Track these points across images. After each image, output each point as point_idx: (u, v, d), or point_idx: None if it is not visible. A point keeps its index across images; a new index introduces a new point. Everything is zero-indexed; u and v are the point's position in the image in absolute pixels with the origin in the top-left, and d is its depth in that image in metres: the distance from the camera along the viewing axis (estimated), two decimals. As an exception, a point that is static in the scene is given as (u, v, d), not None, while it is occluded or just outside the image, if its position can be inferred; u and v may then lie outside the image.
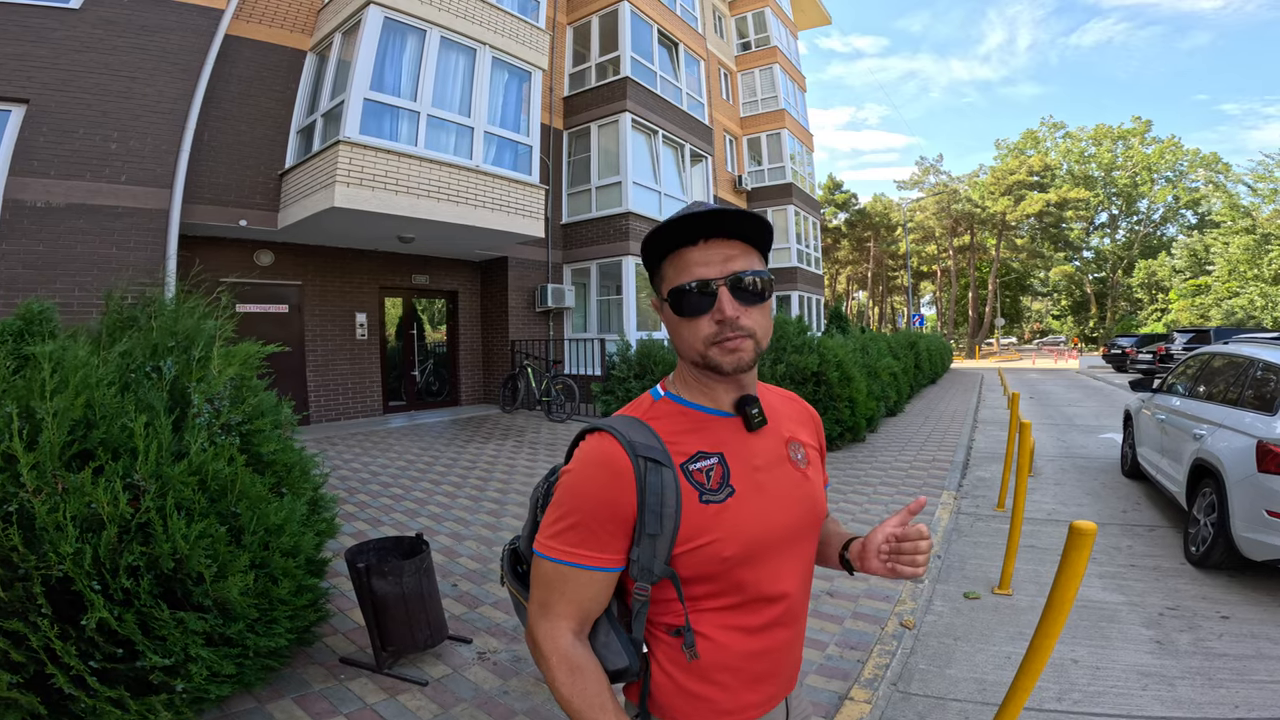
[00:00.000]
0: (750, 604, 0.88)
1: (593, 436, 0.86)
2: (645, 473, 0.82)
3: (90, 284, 6.25)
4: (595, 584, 0.83)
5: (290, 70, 8.46)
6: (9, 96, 6.04)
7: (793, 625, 0.94)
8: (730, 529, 0.84)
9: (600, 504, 0.82)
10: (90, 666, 1.88)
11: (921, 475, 6.30)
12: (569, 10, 12.82)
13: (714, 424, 0.89)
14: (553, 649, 0.82)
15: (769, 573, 0.88)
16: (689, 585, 0.85)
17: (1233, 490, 3.44)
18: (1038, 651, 1.75)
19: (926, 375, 16.26)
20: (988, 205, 42.48)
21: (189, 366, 2.78)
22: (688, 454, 0.86)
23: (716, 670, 0.87)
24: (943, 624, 3.13)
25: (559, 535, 0.83)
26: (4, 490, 1.98)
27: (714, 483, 0.85)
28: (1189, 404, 4.61)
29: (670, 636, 0.87)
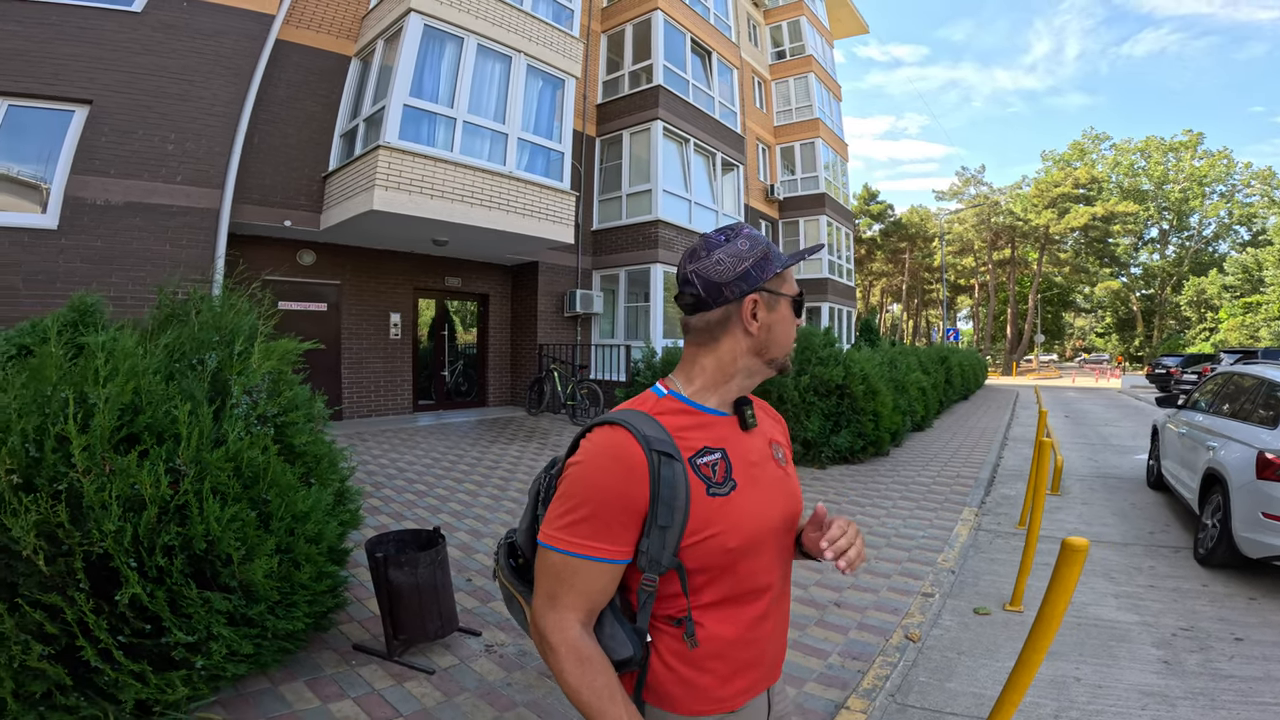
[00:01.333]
0: (744, 595, 0.94)
1: (604, 429, 0.89)
2: (659, 465, 0.85)
3: (144, 279, 6.56)
4: (605, 576, 0.86)
5: (336, 75, 8.79)
6: (73, 97, 6.38)
7: (777, 615, 1.01)
8: (734, 521, 0.90)
9: (614, 496, 0.84)
10: (118, 641, 2.01)
11: (944, 491, 6.22)
12: (603, 19, 13.01)
13: (714, 422, 0.96)
14: (561, 640, 0.84)
15: (762, 564, 0.96)
16: (692, 576, 0.89)
17: (1235, 495, 3.81)
18: (1025, 666, 1.76)
19: (958, 391, 15.95)
20: (1030, 218, 41.35)
21: (230, 359, 2.94)
22: (694, 449, 0.91)
23: (710, 659, 0.92)
24: (949, 638, 3.12)
25: (569, 527, 0.85)
26: (56, 470, 2.14)
27: (719, 476, 0.91)
28: (1207, 419, 4.96)
29: (670, 626, 0.91)
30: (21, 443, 2.12)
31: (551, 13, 9.81)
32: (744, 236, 0.97)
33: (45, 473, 2.11)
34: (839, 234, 19.63)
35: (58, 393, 2.25)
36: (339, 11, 8.87)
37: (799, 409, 7.49)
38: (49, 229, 6.11)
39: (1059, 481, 6.47)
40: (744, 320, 0.95)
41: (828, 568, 4.04)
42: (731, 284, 0.94)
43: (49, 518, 2.04)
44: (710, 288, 0.94)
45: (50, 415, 2.20)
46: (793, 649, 2.93)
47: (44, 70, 6.22)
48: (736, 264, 0.94)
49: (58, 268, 6.10)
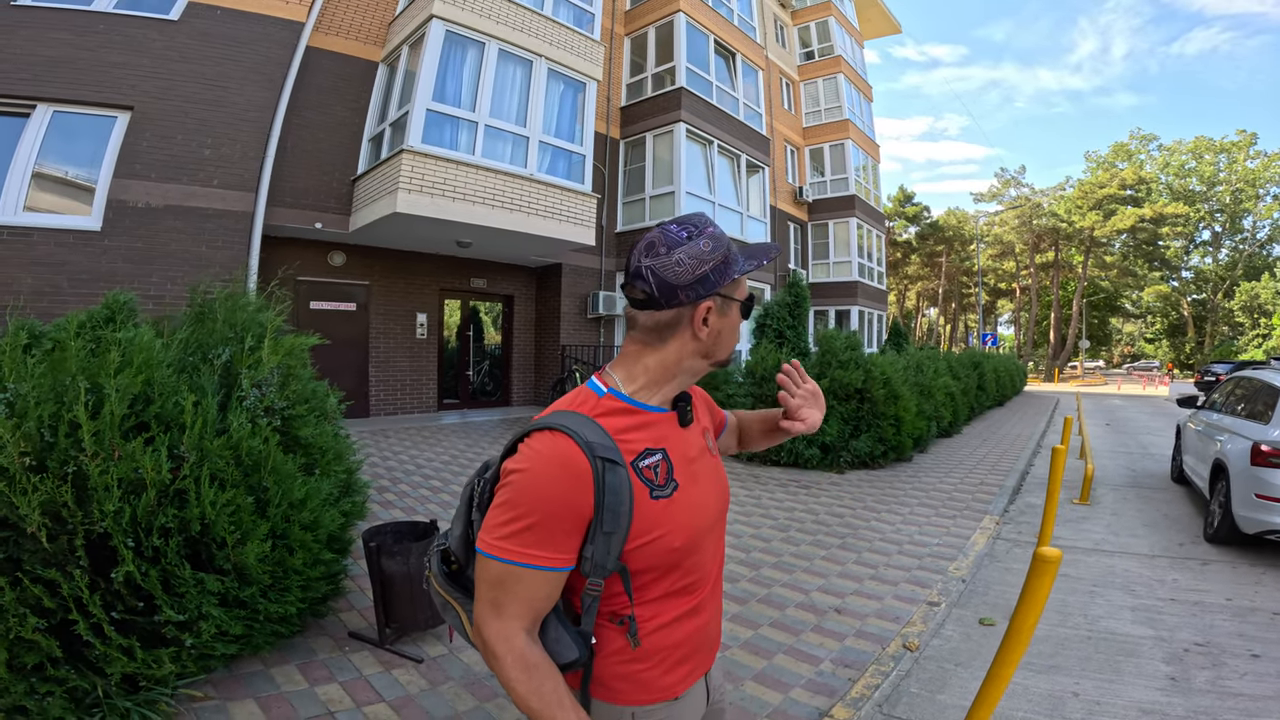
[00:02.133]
0: (687, 589, 0.95)
1: (545, 434, 0.86)
2: (603, 472, 0.83)
3: (182, 279, 6.83)
4: (549, 584, 0.85)
5: (364, 80, 9.04)
6: (116, 104, 6.70)
7: (714, 601, 1.03)
8: (678, 521, 0.90)
9: (559, 505, 0.82)
10: (111, 617, 2.11)
11: (965, 498, 6.06)
12: (626, 21, 13.08)
13: (654, 421, 0.94)
14: (507, 649, 0.83)
15: (704, 557, 0.97)
16: (638, 575, 0.89)
17: (1234, 480, 4.49)
18: (995, 680, 1.71)
19: (992, 397, 15.50)
20: (1074, 220, 39.93)
21: (242, 354, 3.05)
22: (636, 451, 0.89)
23: (653, 651, 0.93)
24: (948, 648, 3.04)
25: (512, 536, 0.82)
26: (66, 454, 2.25)
27: (661, 478, 0.90)
28: (1219, 418, 5.60)
29: (613, 625, 0.92)
30: (37, 427, 2.23)
31: (572, 16, 9.92)
32: (706, 236, 0.92)
33: (57, 456, 2.22)
34: (870, 237, 19.30)
35: (75, 382, 2.37)
36: (366, 18, 9.12)
37: (818, 413, 7.39)
38: (93, 230, 6.43)
39: (1088, 490, 6.23)
40: (695, 325, 0.93)
41: (832, 573, 3.98)
42: (688, 287, 0.90)
43: (55, 497, 2.15)
44: (665, 288, 0.90)
45: (66, 403, 2.32)
46: (785, 654, 2.89)
47: (90, 78, 6.55)
48: (696, 266, 0.90)
49: (101, 267, 6.40)
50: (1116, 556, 4.45)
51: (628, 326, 0.98)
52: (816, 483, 6.63)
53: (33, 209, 6.33)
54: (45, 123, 6.44)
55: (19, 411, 2.24)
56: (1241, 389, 5.68)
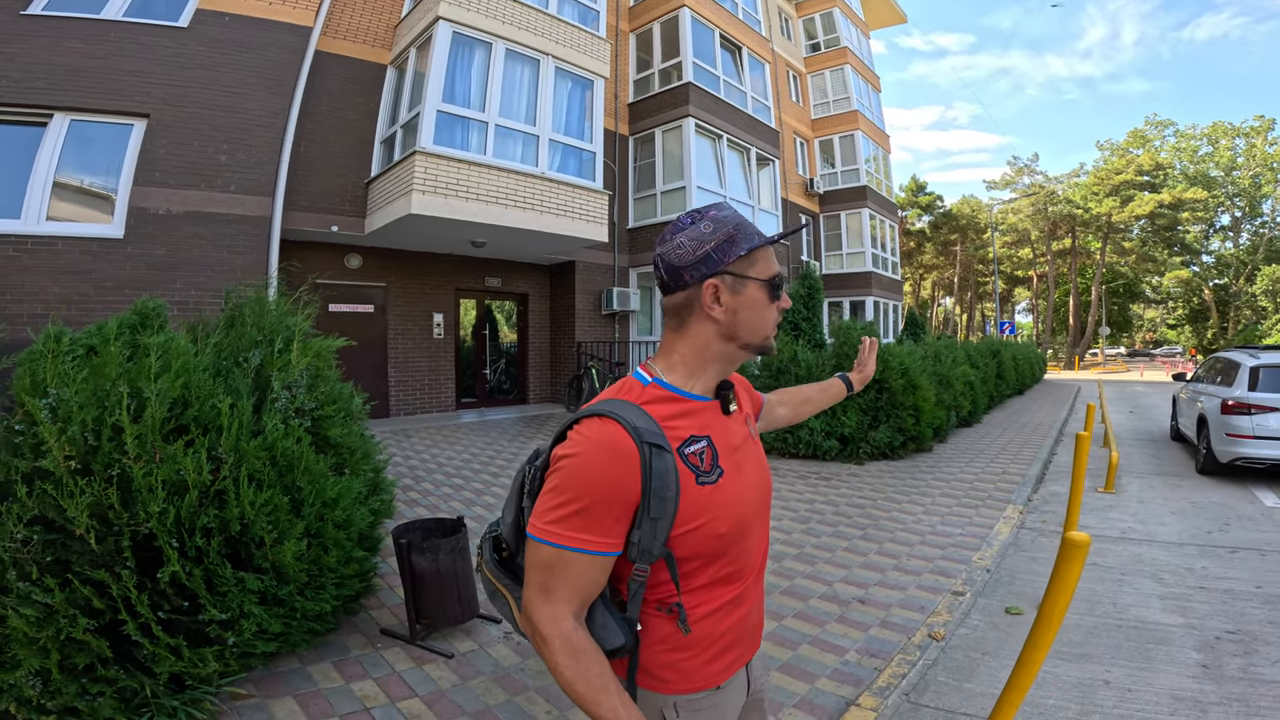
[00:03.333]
0: (729, 576, 0.97)
1: (594, 420, 0.88)
2: (650, 458, 0.85)
3: (204, 284, 6.94)
4: (597, 568, 0.86)
5: (373, 83, 9.11)
6: (132, 111, 6.77)
7: (758, 590, 1.05)
8: (723, 508, 0.91)
9: (608, 489, 0.84)
10: (159, 617, 2.17)
11: (987, 487, 6.02)
12: (631, 18, 13.06)
13: (698, 409, 0.96)
14: (555, 633, 0.84)
15: (749, 544, 0.99)
16: (684, 562, 0.91)
17: (1211, 426, 6.51)
18: (1025, 666, 1.71)
19: (1011, 385, 15.35)
20: (1091, 206, 39.29)
21: (272, 356, 3.11)
22: (682, 438, 0.91)
23: (698, 640, 0.94)
24: (975, 638, 3.04)
25: (562, 520, 0.84)
26: (110, 457, 2.32)
27: (707, 465, 0.92)
28: (1201, 386, 7.61)
29: (661, 613, 0.93)
30: (81, 432, 2.30)
31: (577, 14, 9.92)
32: (709, 219, 0.96)
33: (101, 459, 2.29)
34: (883, 227, 19.16)
35: (116, 387, 2.43)
36: (373, 21, 9.17)
37: (837, 404, 7.37)
38: (116, 238, 6.54)
39: (1113, 479, 6.17)
40: (705, 304, 0.95)
41: (854, 564, 3.99)
42: (691, 268, 0.94)
43: (101, 500, 2.22)
44: (671, 271, 0.95)
45: (108, 408, 2.38)
46: (810, 645, 2.91)
47: (105, 86, 6.62)
48: (696, 248, 0.94)
49: (125, 275, 6.52)
50: (1144, 545, 4.41)
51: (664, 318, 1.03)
52: (836, 474, 6.62)
53: (55, 218, 6.43)
54: (63, 132, 6.52)
55: (62, 416, 2.31)
56: (1215, 365, 7.78)
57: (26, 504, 2.12)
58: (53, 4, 6.56)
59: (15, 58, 6.26)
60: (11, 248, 6.01)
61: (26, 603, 2.06)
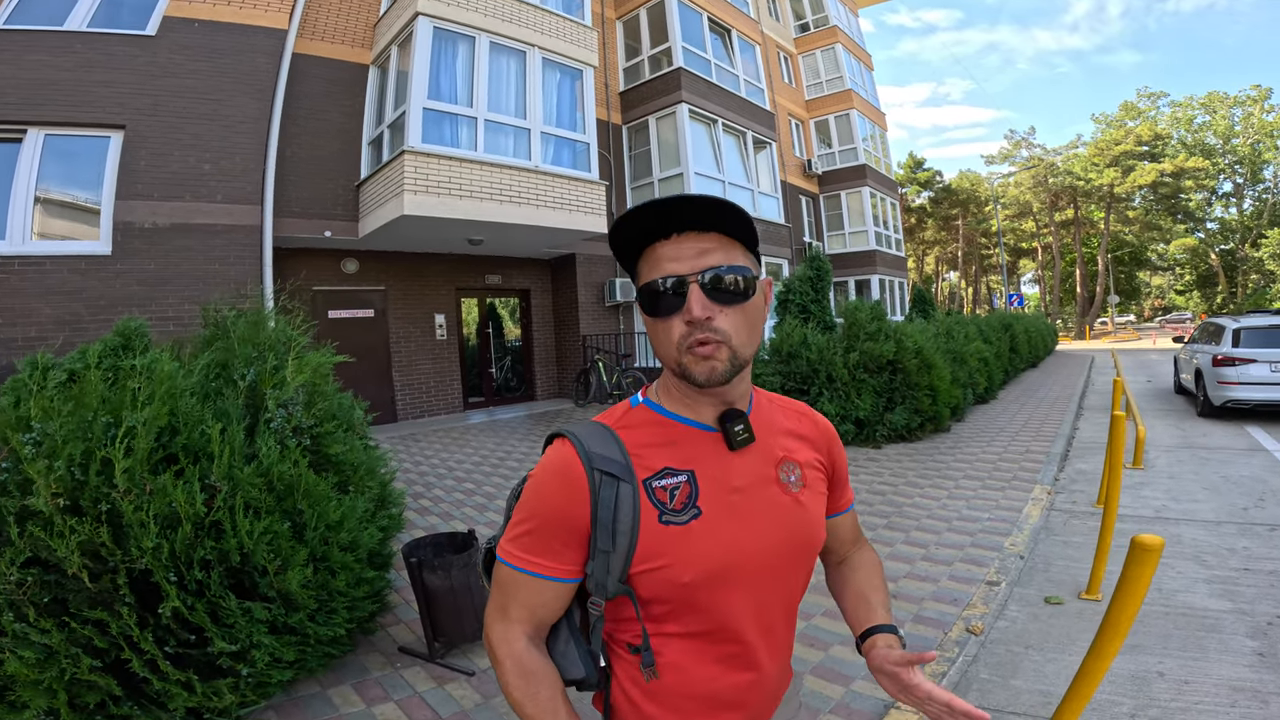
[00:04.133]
0: (715, 632, 0.82)
1: (556, 443, 0.84)
2: (599, 485, 0.78)
3: (198, 298, 6.78)
4: (547, 592, 0.82)
5: (356, 84, 8.92)
6: (107, 123, 6.60)
7: (767, 655, 0.86)
8: (690, 553, 0.78)
9: (553, 513, 0.80)
10: (165, 652, 2.06)
11: (1011, 468, 5.87)
12: (616, 5, 12.83)
13: (691, 438, 0.83)
14: (506, 653, 0.81)
15: (739, 601, 0.81)
16: (648, 605, 0.81)
17: (1206, 376, 8.04)
18: (1088, 674, 1.57)
19: (1025, 359, 15.16)
20: (1091, 177, 38.89)
21: (265, 374, 2.97)
22: (653, 469, 0.81)
23: (675, 695, 0.83)
24: (1015, 630, 2.91)
25: (515, 540, 0.82)
26: (99, 492, 2.19)
27: (677, 503, 0.79)
28: (1197, 346, 9.02)
29: (629, 654, 0.84)
30: (67, 467, 2.17)
31: (561, 4, 9.71)
32: None
33: (89, 495, 2.16)
34: (884, 205, 18.95)
35: (99, 418, 2.30)
36: (349, 21, 8.97)
37: (849, 387, 7.22)
38: (104, 255, 6.41)
39: (1141, 454, 6.00)
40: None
41: (880, 554, 3.84)
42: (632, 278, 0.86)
43: (92, 537, 2.09)
44: None
45: (93, 440, 2.25)
46: (841, 645, 2.78)
47: (76, 98, 6.45)
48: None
49: (116, 292, 6.39)
50: (1181, 524, 4.26)
51: None
52: (853, 459, 6.48)
53: (41, 236, 6.31)
54: (39, 147, 6.37)
55: (46, 452, 2.18)
56: (1207, 329, 9.18)
57: (19, 545, 2.01)
58: (13, 17, 6.39)
59: None
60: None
61: (24, 644, 1.95)
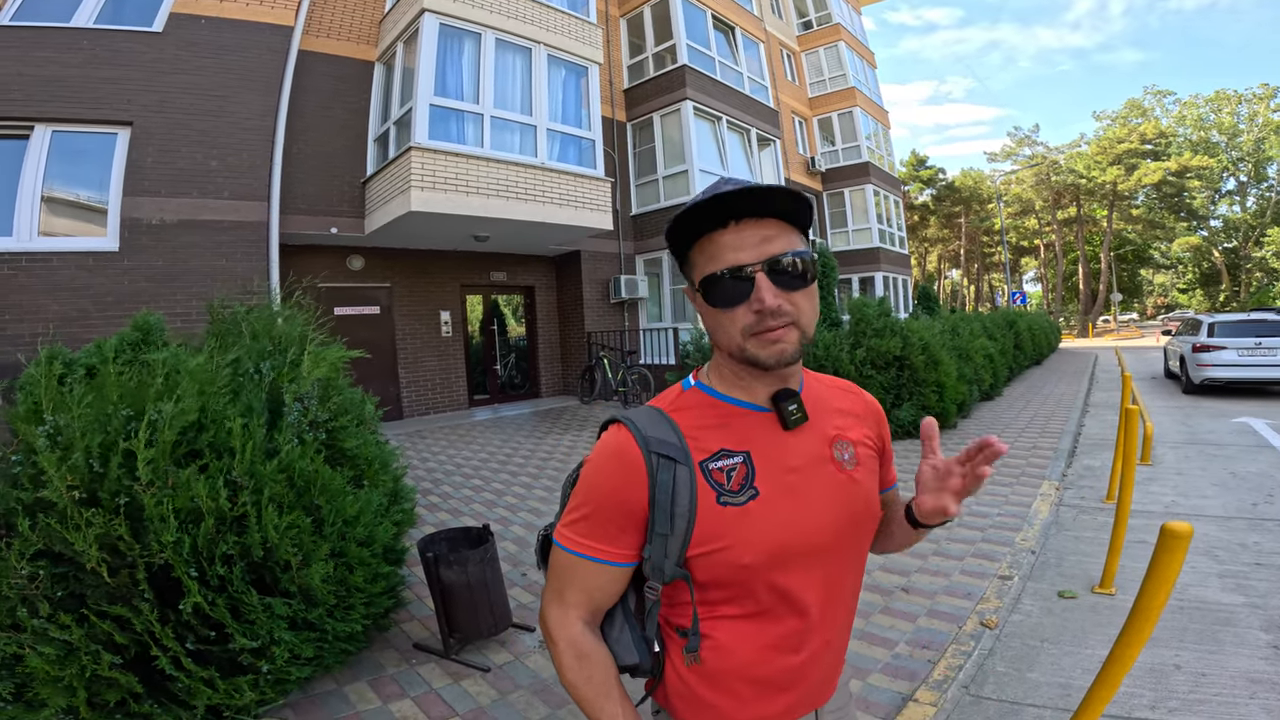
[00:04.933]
0: (772, 613, 0.82)
1: (612, 428, 0.85)
2: (657, 469, 0.78)
3: (205, 294, 6.73)
4: (603, 576, 0.82)
5: (361, 81, 8.90)
6: (113, 120, 6.57)
7: (823, 636, 0.87)
8: (749, 534, 0.78)
9: (610, 497, 0.81)
10: (186, 648, 2.06)
11: (1019, 464, 5.87)
12: (620, 2, 12.81)
13: (745, 419, 0.83)
14: (562, 635, 0.83)
15: (799, 581, 0.82)
16: (704, 589, 0.82)
17: (1187, 361, 10.04)
18: (1118, 661, 1.57)
19: (1029, 356, 15.15)
20: (1095, 175, 38.83)
21: (283, 368, 2.97)
22: (709, 451, 0.80)
23: (728, 677, 0.83)
24: (1030, 624, 2.90)
25: (572, 525, 0.83)
26: (119, 484, 2.18)
27: (735, 484, 0.80)
28: (1181, 338, 11.12)
29: (680, 638, 0.85)
30: (85, 459, 2.17)
31: (566, 0, 9.69)
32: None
33: (108, 487, 2.16)
34: (887, 202, 18.93)
35: (119, 410, 2.30)
36: (355, 18, 8.95)
37: (855, 383, 7.21)
38: (111, 251, 6.38)
39: (1150, 450, 5.99)
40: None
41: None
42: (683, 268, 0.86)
43: (110, 531, 2.09)
44: None
45: (113, 432, 2.24)
46: (857, 638, 2.78)
47: (83, 95, 6.42)
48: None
49: (123, 288, 6.38)
50: (1192, 519, 4.25)
51: None
52: (860, 457, 6.47)
53: (49, 233, 6.28)
54: (46, 144, 6.34)
55: (63, 444, 2.18)
56: (1188, 324, 11.25)
57: (30, 538, 2.00)
58: (20, 14, 6.36)
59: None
60: (6, 266, 5.88)
61: (44, 640, 1.94)
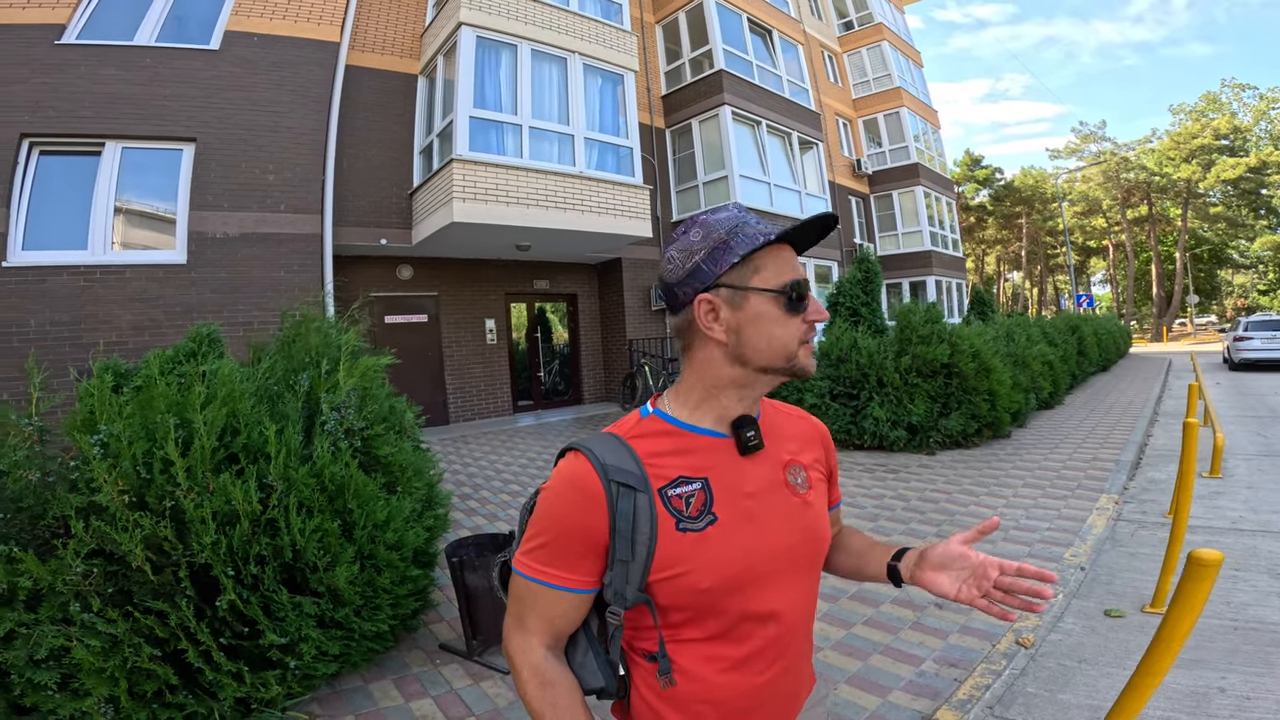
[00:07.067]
0: (732, 635, 0.84)
1: (569, 456, 0.85)
2: (617, 497, 0.80)
3: (267, 304, 7.10)
4: (564, 603, 0.83)
5: (406, 94, 9.22)
6: (178, 136, 6.94)
7: (785, 657, 0.89)
8: (709, 559, 0.81)
9: (570, 525, 0.81)
10: (220, 643, 2.18)
11: (1076, 476, 5.58)
12: (655, 9, 12.88)
13: (702, 446, 0.86)
14: (524, 662, 0.83)
15: (758, 604, 0.85)
16: (666, 613, 0.84)
17: (1230, 348, 15.65)
18: (1135, 690, 1.48)
19: (1094, 362, 14.40)
20: (1168, 172, 36.64)
21: (319, 378, 3.11)
22: (667, 478, 0.83)
23: (694, 701, 0.85)
24: (1069, 644, 2.76)
25: (531, 552, 0.83)
26: (163, 489, 2.33)
27: (693, 510, 0.82)
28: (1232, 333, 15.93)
29: (646, 662, 0.86)
30: (132, 465, 2.32)
31: (600, 10, 9.82)
32: (699, 225, 0.85)
33: (154, 492, 2.30)
34: (939, 204, 18.37)
35: (166, 419, 2.45)
36: (398, 32, 9.27)
37: (900, 392, 7.01)
38: (180, 264, 6.79)
39: (1219, 462, 5.61)
40: (702, 324, 0.83)
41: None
42: (682, 284, 0.84)
43: (156, 532, 2.23)
44: (667, 291, 0.87)
45: (158, 440, 2.40)
46: (882, 654, 2.70)
47: (149, 112, 6.78)
48: (685, 260, 0.84)
49: (191, 299, 6.77)
50: (1258, 536, 3.96)
51: None
52: (905, 466, 6.29)
53: (121, 246, 6.68)
54: (117, 160, 6.69)
55: (114, 451, 2.34)
56: (1236, 323, 15.93)
57: (84, 538, 2.16)
58: (86, 32, 6.73)
59: (59, 88, 6.43)
60: (82, 278, 6.30)
61: (92, 633, 2.09)
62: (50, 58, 6.48)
